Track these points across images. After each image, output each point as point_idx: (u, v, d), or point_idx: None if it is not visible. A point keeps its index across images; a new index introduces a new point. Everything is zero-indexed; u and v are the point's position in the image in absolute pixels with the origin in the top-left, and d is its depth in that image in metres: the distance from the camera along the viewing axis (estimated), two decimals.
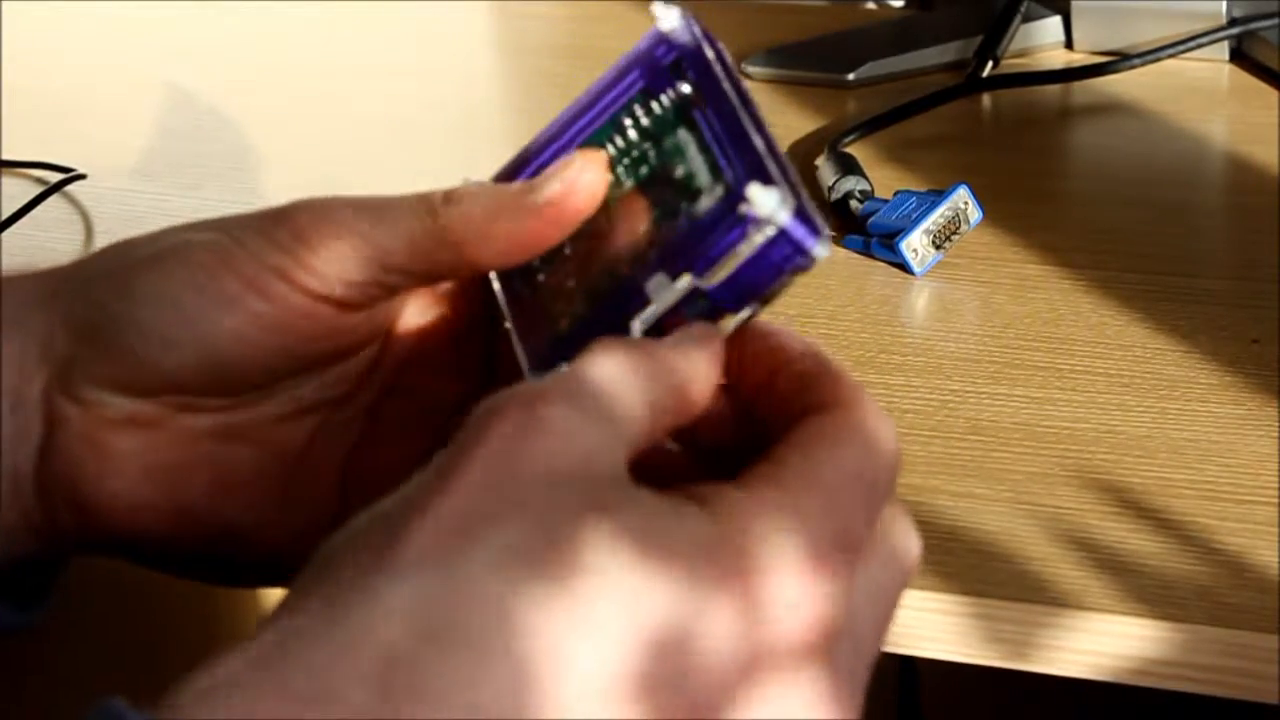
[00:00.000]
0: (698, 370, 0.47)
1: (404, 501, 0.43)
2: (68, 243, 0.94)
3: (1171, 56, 1.06)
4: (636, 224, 0.52)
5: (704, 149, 0.52)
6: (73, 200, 0.98)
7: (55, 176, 0.98)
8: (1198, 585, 0.61)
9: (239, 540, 0.55)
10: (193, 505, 0.54)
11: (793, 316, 0.80)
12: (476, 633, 0.40)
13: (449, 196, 0.54)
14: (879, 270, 0.84)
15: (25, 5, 1.30)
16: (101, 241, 0.94)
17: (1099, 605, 0.60)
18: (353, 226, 0.53)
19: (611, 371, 0.45)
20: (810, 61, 1.11)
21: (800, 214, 0.48)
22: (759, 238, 0.48)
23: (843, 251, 0.86)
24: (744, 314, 0.50)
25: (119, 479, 0.53)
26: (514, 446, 0.43)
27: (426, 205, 0.53)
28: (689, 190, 0.51)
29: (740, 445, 0.49)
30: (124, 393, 0.53)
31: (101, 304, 0.53)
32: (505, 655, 0.40)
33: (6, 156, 1.02)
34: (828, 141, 0.96)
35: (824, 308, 0.81)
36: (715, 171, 0.51)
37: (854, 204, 0.88)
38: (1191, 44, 1.06)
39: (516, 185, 0.54)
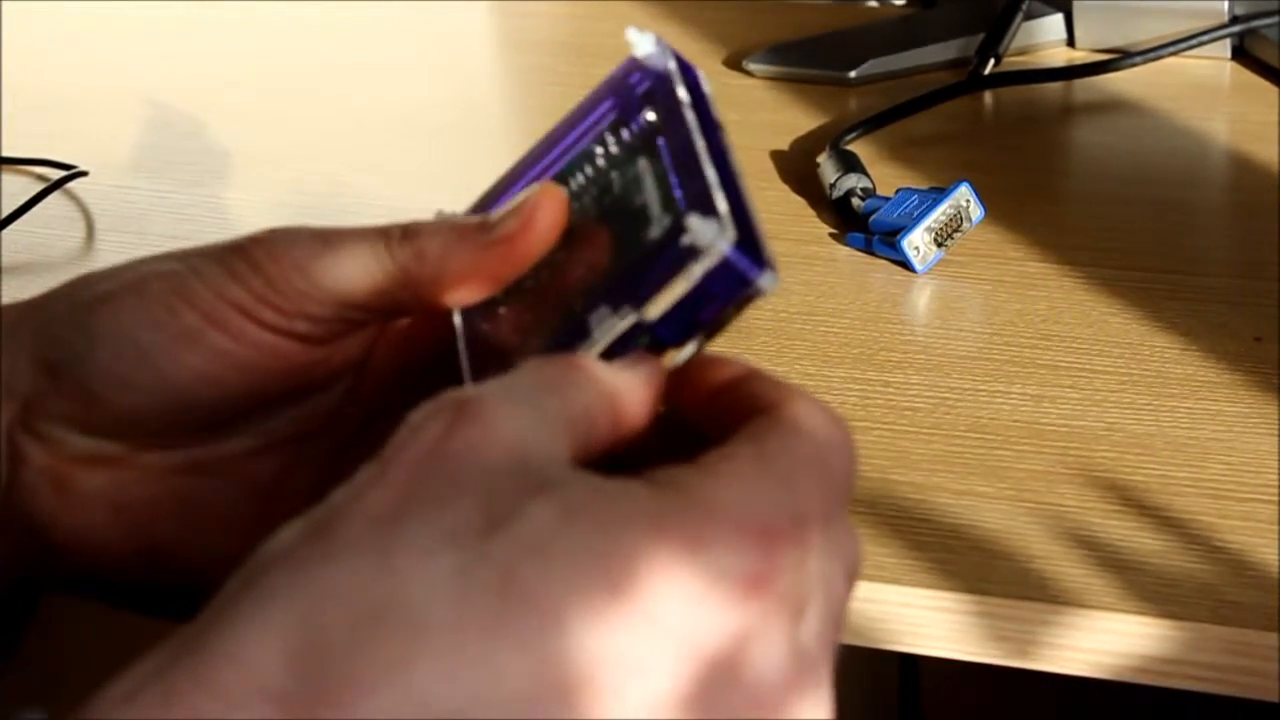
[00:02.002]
0: (632, 386, 0.46)
1: (335, 500, 0.42)
2: (68, 240, 0.94)
3: (1173, 54, 1.06)
4: (598, 256, 0.51)
5: (661, 179, 0.50)
6: (74, 197, 0.98)
7: (56, 174, 0.98)
8: (1199, 583, 0.61)
9: (209, 576, 0.53)
10: (161, 542, 0.53)
11: (794, 314, 0.80)
12: (415, 613, 0.39)
13: (406, 232, 0.52)
14: (880, 268, 0.84)
15: (25, 5, 1.30)
16: (103, 238, 0.94)
17: (1100, 603, 0.60)
18: (311, 263, 0.52)
19: (545, 375, 0.45)
20: (812, 59, 1.11)
21: (744, 244, 0.46)
22: (698, 269, 0.46)
23: (844, 249, 0.86)
24: (689, 348, 0.48)
25: (84, 517, 0.52)
26: (447, 437, 0.42)
27: (384, 242, 0.52)
28: (642, 221, 0.50)
29: None
30: (86, 431, 0.52)
31: (61, 342, 0.52)
32: (443, 635, 0.39)
33: (7, 154, 1.02)
34: (829, 139, 0.96)
35: (826, 306, 0.81)
36: (667, 202, 0.49)
37: (856, 202, 0.88)
38: (1193, 42, 1.06)
39: (473, 220, 0.53)
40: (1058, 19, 1.11)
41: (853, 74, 1.08)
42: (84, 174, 0.99)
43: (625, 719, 0.40)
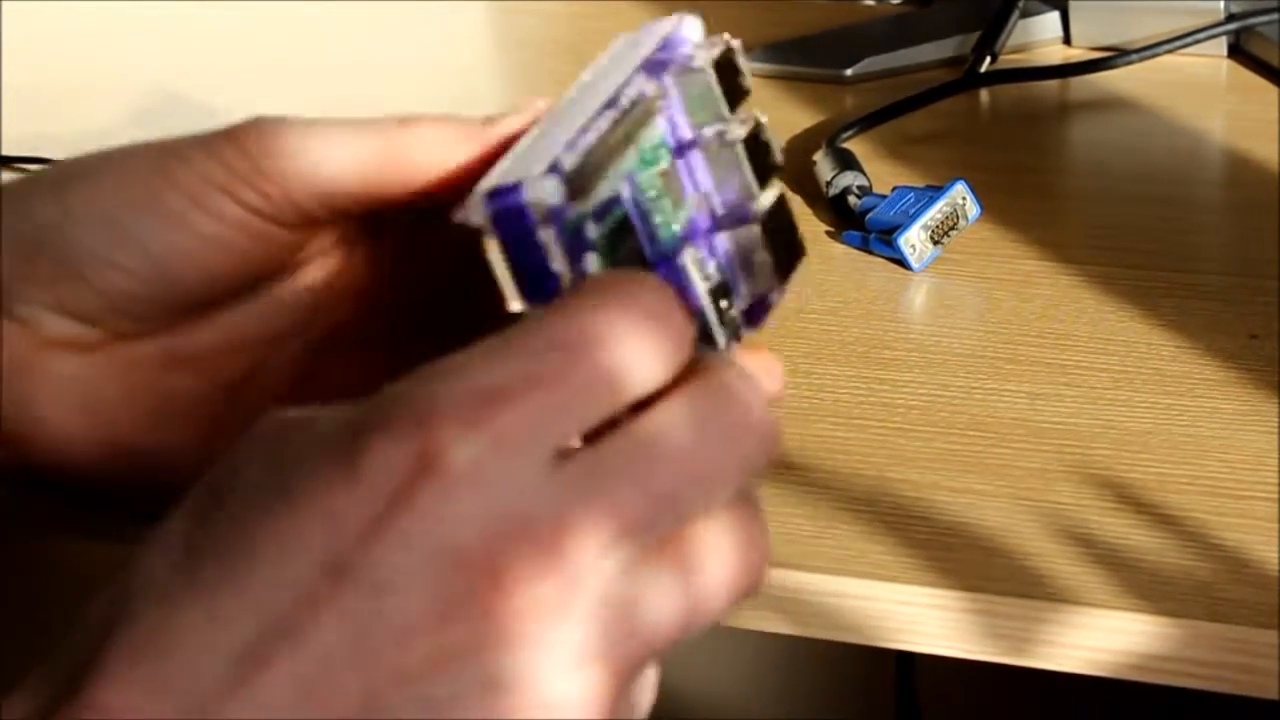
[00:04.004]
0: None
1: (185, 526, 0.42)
2: None
3: (1170, 52, 1.06)
4: None
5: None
6: None
7: None
8: (1197, 580, 0.61)
9: (172, 474, 0.52)
10: (128, 437, 0.53)
11: (790, 312, 0.80)
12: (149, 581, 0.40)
13: (406, 121, 0.52)
14: (877, 266, 0.84)
15: (25, 5, 1.30)
16: None
17: (1098, 600, 0.60)
18: (303, 147, 0.52)
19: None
20: (808, 57, 1.11)
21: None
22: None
23: (840, 247, 0.86)
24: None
25: (54, 407, 0.52)
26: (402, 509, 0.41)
27: (381, 128, 0.52)
28: None
29: None
30: (63, 314, 0.52)
31: (41, 222, 0.52)
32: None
33: (6, 153, 1.02)
34: (826, 137, 0.96)
35: (822, 303, 0.81)
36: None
37: (852, 199, 0.88)
38: (1190, 40, 1.06)
39: (476, 117, 0.52)
40: (1054, 17, 1.11)
41: (849, 72, 1.08)
42: None
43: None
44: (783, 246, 0.50)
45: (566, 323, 0.42)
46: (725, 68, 0.52)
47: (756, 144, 0.52)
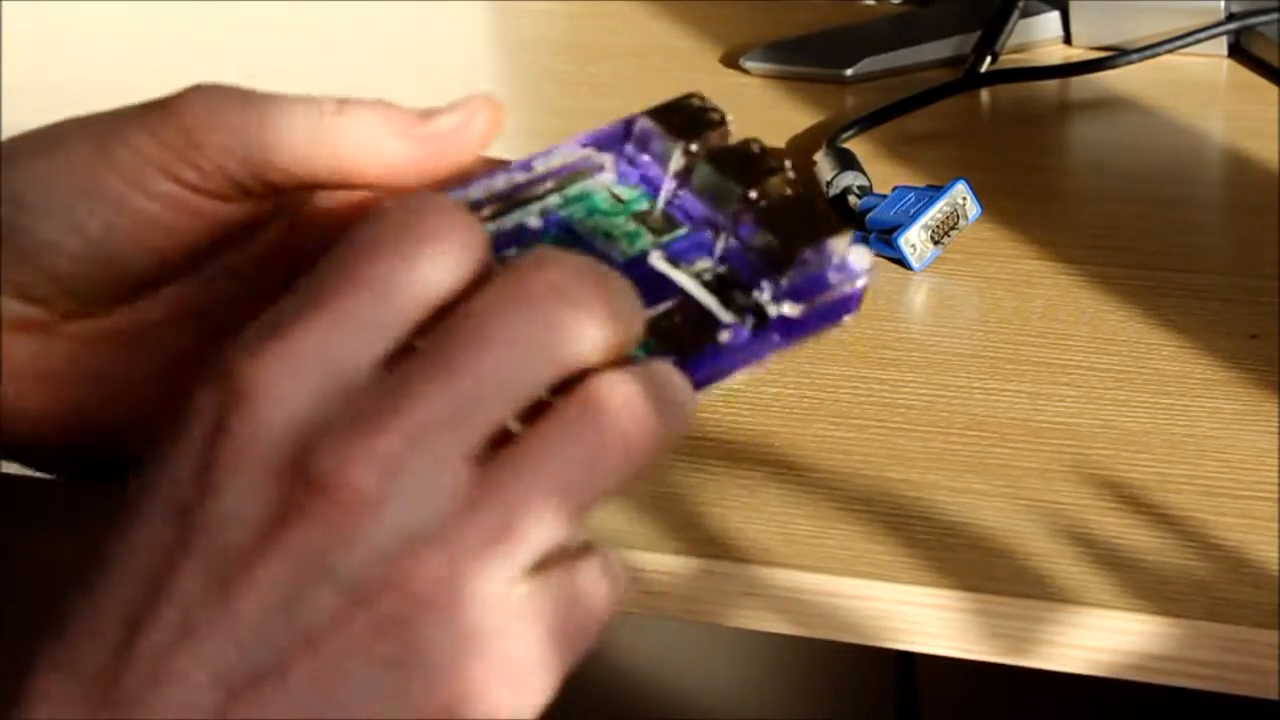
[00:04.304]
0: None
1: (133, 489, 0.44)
2: None
3: (1170, 52, 1.06)
4: None
5: None
6: None
7: None
8: (1196, 580, 0.61)
9: (130, 446, 0.54)
10: (87, 412, 0.54)
11: None
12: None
13: (341, 105, 0.53)
14: (877, 266, 0.84)
15: (25, 5, 1.30)
16: None
17: (1097, 601, 0.60)
18: (239, 123, 0.53)
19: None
20: (808, 57, 1.11)
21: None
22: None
23: None
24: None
25: (14, 386, 0.53)
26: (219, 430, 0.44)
27: (316, 109, 0.53)
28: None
29: None
30: (14, 296, 0.53)
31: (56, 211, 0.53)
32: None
33: None
34: (826, 137, 0.96)
35: None
36: None
37: (852, 199, 0.88)
38: (1190, 39, 1.06)
39: (411, 110, 0.54)
40: (1054, 16, 1.11)
41: (849, 72, 1.08)
42: None
43: None
44: (791, 226, 0.50)
45: (344, 251, 0.44)
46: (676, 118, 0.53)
47: (733, 157, 0.52)
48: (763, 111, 1.05)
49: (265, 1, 1.31)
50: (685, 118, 0.54)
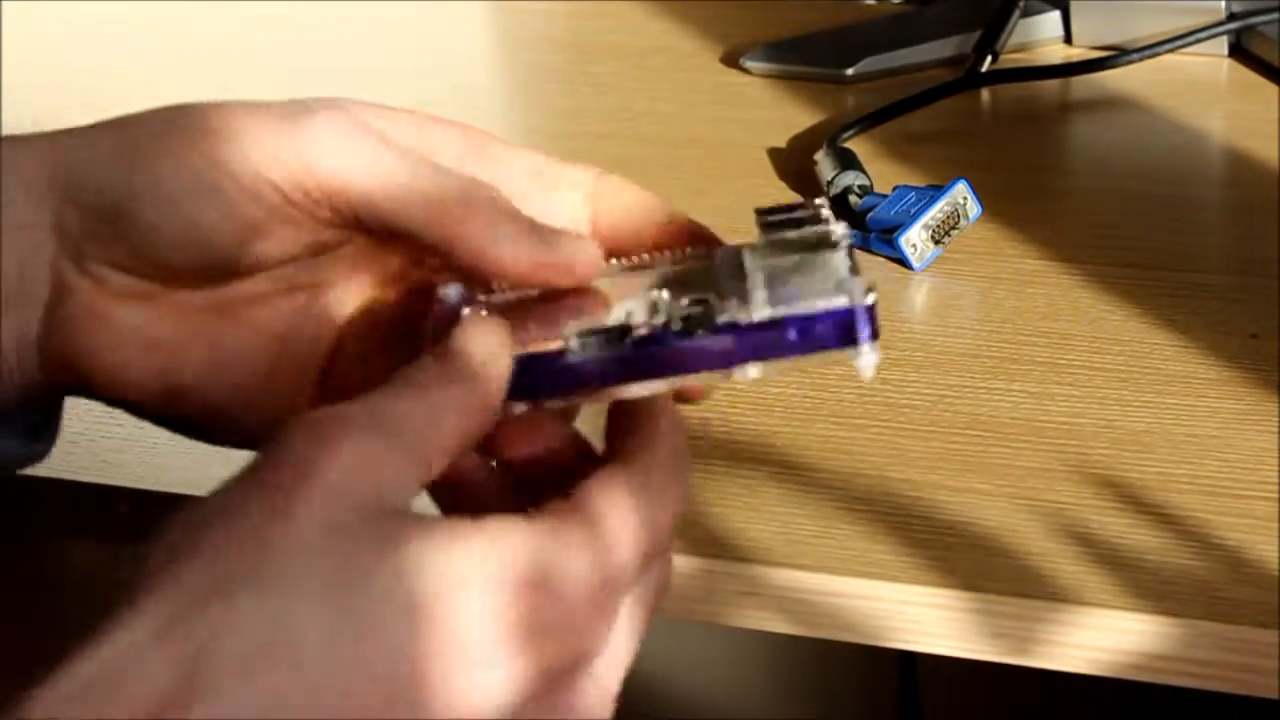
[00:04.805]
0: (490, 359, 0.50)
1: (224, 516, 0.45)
2: None
3: (1170, 51, 1.06)
4: None
5: None
6: None
7: None
8: (1197, 580, 0.61)
9: (224, 419, 0.57)
10: (186, 381, 0.56)
11: None
12: (296, 656, 0.43)
13: (465, 198, 0.54)
14: (878, 265, 0.84)
15: (25, 5, 1.30)
16: None
17: (1098, 600, 0.60)
18: (356, 171, 0.54)
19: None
20: (809, 57, 1.11)
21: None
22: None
23: None
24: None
25: (119, 354, 0.55)
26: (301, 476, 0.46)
27: (443, 186, 0.54)
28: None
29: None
30: (125, 272, 0.55)
31: (110, 196, 0.54)
32: (316, 672, 0.43)
33: None
34: (827, 136, 0.96)
35: None
36: None
37: (853, 199, 0.88)
38: (1190, 39, 1.06)
39: (540, 226, 0.54)
40: (1055, 16, 1.11)
41: (850, 71, 1.08)
42: None
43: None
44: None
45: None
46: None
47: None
48: (763, 111, 1.05)
49: (265, 3, 1.31)
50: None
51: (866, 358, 0.51)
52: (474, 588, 0.45)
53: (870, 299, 0.51)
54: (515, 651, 0.45)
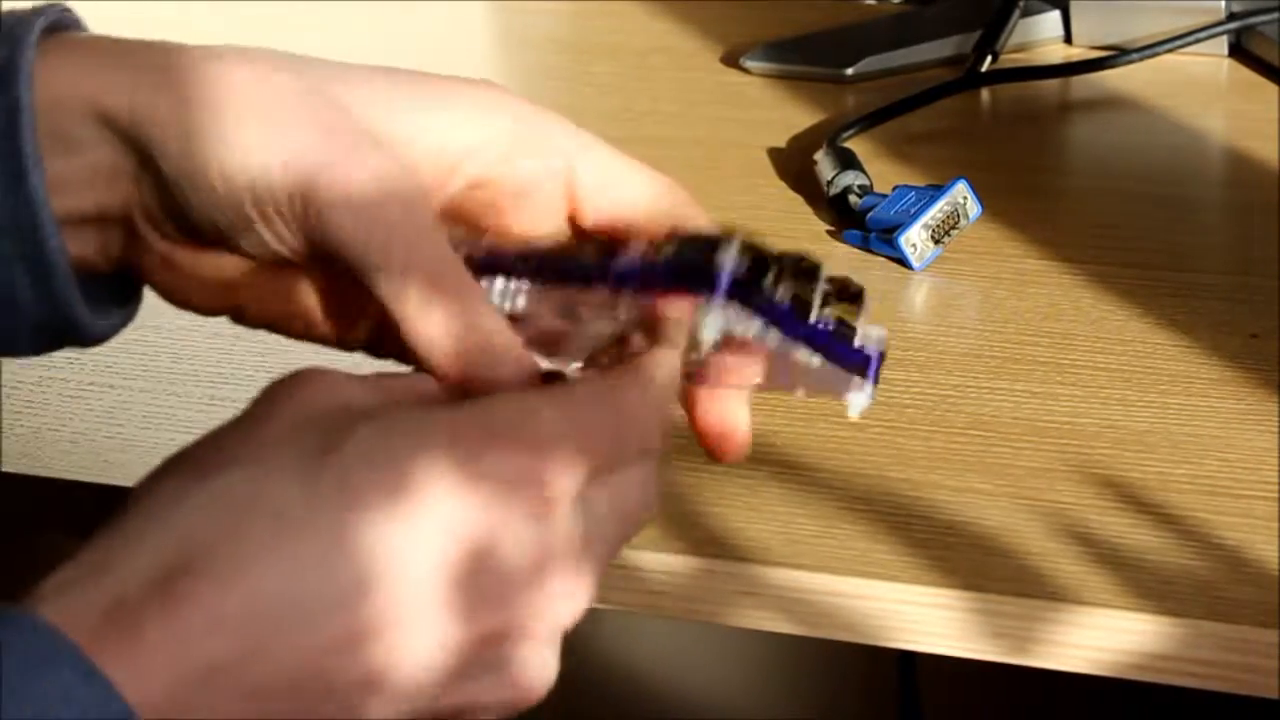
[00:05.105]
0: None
1: (206, 440, 0.50)
2: None
3: (1170, 51, 1.06)
4: None
5: None
6: None
7: None
8: (1197, 580, 0.61)
9: (286, 329, 0.60)
10: (251, 308, 0.59)
11: None
12: (274, 508, 0.47)
13: (476, 332, 0.55)
14: (878, 265, 0.84)
15: (25, 5, 1.30)
16: None
17: (1099, 600, 0.60)
18: (361, 230, 0.55)
19: None
20: (809, 56, 1.11)
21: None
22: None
23: (841, 247, 0.86)
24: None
25: (188, 290, 0.58)
26: (290, 398, 0.50)
27: (450, 294, 0.55)
28: None
29: None
30: (188, 232, 0.58)
31: (174, 178, 0.57)
32: (294, 526, 0.47)
33: None
34: (826, 136, 0.96)
35: None
36: None
37: (853, 199, 0.88)
38: (1190, 39, 1.06)
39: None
40: (1055, 16, 1.11)
41: (850, 71, 1.08)
42: None
43: (405, 597, 0.47)
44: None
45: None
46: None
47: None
48: (763, 111, 1.05)
49: (265, 3, 1.31)
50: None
51: (861, 398, 0.56)
52: (439, 446, 0.48)
53: (883, 347, 0.56)
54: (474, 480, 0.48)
